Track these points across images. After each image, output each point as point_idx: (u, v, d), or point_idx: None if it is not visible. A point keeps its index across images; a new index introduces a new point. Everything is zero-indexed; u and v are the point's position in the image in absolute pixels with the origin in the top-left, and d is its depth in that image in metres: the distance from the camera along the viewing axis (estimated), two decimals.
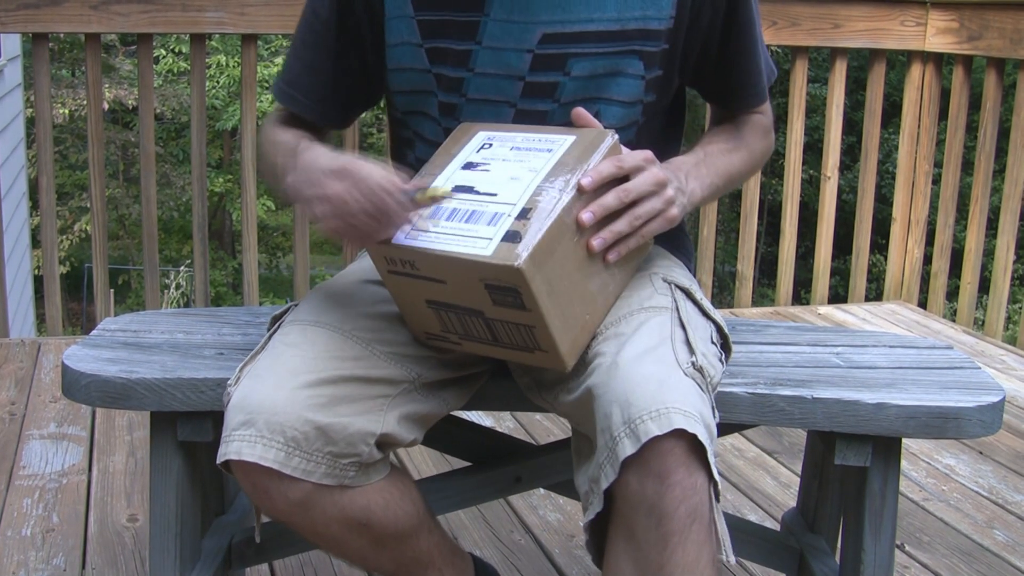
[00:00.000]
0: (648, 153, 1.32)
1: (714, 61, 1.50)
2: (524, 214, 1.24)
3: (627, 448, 1.18)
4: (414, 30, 1.44)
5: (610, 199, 1.28)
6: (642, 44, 1.42)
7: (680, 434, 1.18)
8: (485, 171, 1.32)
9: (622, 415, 1.19)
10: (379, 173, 1.25)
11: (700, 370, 1.27)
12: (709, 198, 1.47)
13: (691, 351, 1.30)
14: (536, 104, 1.45)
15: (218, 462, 1.27)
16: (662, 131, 1.56)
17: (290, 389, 1.27)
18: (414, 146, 1.55)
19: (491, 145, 1.36)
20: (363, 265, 1.54)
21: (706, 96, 1.59)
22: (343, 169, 1.26)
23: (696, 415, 1.19)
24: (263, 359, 1.33)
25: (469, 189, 1.31)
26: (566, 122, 1.39)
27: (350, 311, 1.40)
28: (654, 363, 1.24)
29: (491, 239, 1.23)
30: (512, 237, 1.22)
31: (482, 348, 1.35)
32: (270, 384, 1.28)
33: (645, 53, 1.43)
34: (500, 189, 1.29)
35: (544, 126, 1.43)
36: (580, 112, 1.36)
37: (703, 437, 1.18)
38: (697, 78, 1.54)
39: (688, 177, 1.40)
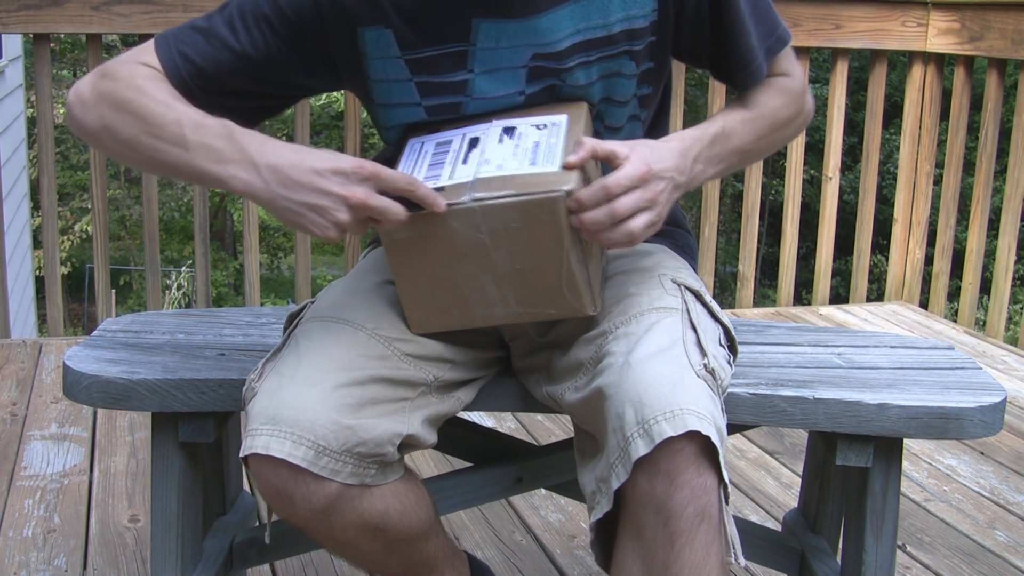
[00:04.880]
0: (640, 169, 1.28)
1: (709, 45, 1.45)
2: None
3: (640, 448, 1.18)
4: (402, 68, 1.40)
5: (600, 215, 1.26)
6: (630, 44, 1.40)
7: (692, 435, 1.18)
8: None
9: (636, 415, 1.19)
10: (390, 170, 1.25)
11: (712, 372, 1.27)
12: (719, 174, 1.42)
13: (703, 353, 1.29)
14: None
15: (242, 455, 1.26)
16: (655, 115, 1.54)
17: (321, 388, 1.26)
18: None
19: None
20: (376, 264, 1.53)
21: (716, 76, 1.53)
22: (360, 168, 1.23)
23: (708, 417, 1.19)
24: (288, 356, 1.32)
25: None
26: None
27: (370, 310, 1.39)
28: (667, 364, 1.24)
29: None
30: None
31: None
32: (299, 381, 1.27)
33: (634, 52, 1.41)
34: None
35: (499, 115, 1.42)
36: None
37: (715, 439, 1.19)
38: (698, 61, 1.50)
39: (696, 160, 1.35)
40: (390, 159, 1.40)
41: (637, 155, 1.27)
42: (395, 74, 1.41)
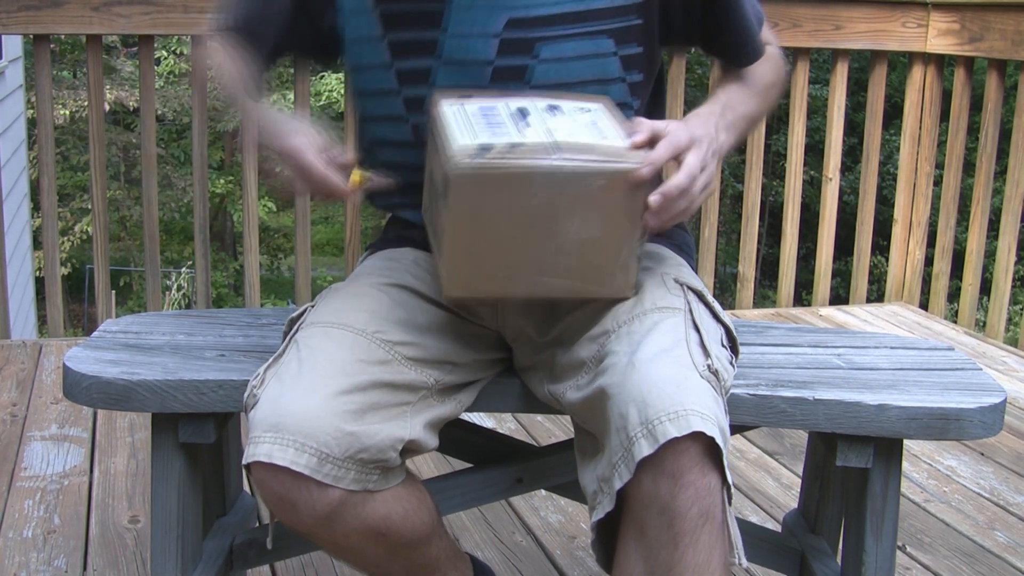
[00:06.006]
0: (681, 136, 1.30)
1: (701, 25, 1.47)
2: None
3: (644, 449, 1.18)
4: (375, 24, 1.43)
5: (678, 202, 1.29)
6: (611, 22, 1.41)
7: (696, 436, 1.18)
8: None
9: (639, 415, 1.19)
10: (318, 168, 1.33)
11: (715, 373, 1.27)
12: (736, 143, 1.48)
13: (706, 354, 1.29)
14: (507, 89, 1.43)
15: (244, 463, 1.26)
16: (648, 106, 1.54)
17: (323, 395, 1.26)
18: (382, 150, 1.53)
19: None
20: (375, 267, 1.53)
21: (708, 53, 1.57)
22: (291, 151, 1.35)
23: (712, 418, 1.20)
24: (289, 361, 1.32)
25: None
26: None
27: (370, 314, 1.39)
28: (671, 364, 1.24)
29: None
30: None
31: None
32: (301, 388, 1.27)
33: (615, 31, 1.41)
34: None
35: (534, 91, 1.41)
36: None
37: (719, 440, 1.19)
38: (689, 41, 1.53)
39: (718, 130, 1.38)
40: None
41: (685, 136, 1.30)
42: (368, 31, 1.44)
